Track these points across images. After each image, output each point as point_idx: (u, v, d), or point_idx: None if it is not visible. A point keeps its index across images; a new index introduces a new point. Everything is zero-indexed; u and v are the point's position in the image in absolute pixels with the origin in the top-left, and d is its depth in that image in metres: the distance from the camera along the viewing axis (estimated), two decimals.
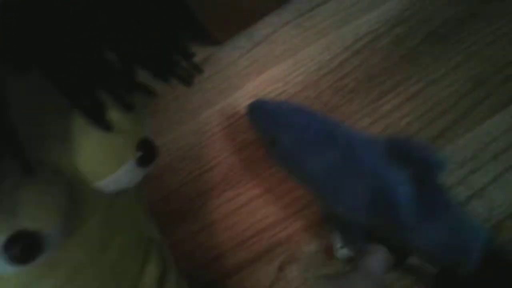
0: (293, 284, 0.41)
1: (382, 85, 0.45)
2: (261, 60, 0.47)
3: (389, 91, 0.44)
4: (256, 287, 0.42)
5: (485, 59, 0.44)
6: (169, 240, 0.35)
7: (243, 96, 0.46)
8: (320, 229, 0.42)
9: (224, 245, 0.43)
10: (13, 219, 0.19)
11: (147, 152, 0.24)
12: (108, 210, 0.26)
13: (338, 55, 0.46)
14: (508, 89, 0.42)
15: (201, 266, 0.42)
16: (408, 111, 0.43)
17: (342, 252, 0.38)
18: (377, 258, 0.31)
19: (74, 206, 0.23)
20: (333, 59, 0.46)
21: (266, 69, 0.47)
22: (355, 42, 0.46)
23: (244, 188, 0.44)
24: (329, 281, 0.30)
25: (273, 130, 0.37)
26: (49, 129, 0.22)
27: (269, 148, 0.38)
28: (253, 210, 0.43)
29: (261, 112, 0.39)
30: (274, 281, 0.42)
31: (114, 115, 0.22)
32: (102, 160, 0.23)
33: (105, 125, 0.21)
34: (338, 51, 0.46)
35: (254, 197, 0.44)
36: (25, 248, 0.20)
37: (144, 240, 0.30)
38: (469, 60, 0.44)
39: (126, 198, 0.27)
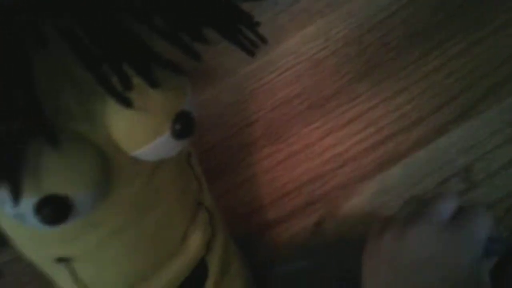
0: (329, 239, 0.42)
1: (426, 44, 0.43)
2: (302, 15, 0.46)
3: (432, 50, 0.43)
4: (293, 240, 0.43)
5: None
6: (210, 193, 0.36)
7: (283, 52, 0.46)
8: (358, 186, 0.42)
9: (263, 199, 0.44)
10: (40, 184, 0.20)
11: (184, 125, 0.24)
12: (149, 178, 0.26)
13: (382, 10, 0.45)
14: None
15: (240, 218, 0.44)
16: (450, 71, 0.42)
17: None
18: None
19: (110, 173, 0.23)
20: (376, 15, 0.45)
21: (307, 24, 0.46)
22: None
23: (284, 144, 0.44)
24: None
25: None
26: (77, 102, 0.22)
27: None
28: (292, 166, 0.44)
29: None
30: (311, 235, 0.43)
31: (147, 88, 0.21)
32: (135, 132, 0.23)
33: (125, 102, 0.21)
34: (382, 6, 0.45)
35: (293, 153, 0.44)
36: (54, 210, 0.21)
37: (191, 206, 0.30)
38: None
39: (172, 166, 0.28)
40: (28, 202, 0.20)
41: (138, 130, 0.23)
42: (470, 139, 0.40)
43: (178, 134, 0.24)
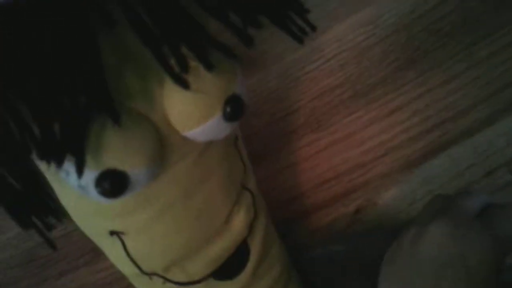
0: (369, 227, 0.42)
1: (476, 32, 0.42)
2: (351, 0, 0.45)
3: (482, 39, 0.42)
4: (332, 227, 0.43)
5: None
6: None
7: (330, 39, 0.45)
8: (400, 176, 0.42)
9: (303, 186, 0.44)
10: (101, 159, 0.22)
11: (235, 108, 0.25)
12: (198, 157, 0.27)
13: None
14: None
15: (279, 204, 0.44)
16: (501, 60, 0.41)
17: None
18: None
19: (163, 151, 0.24)
20: (427, 1, 0.43)
21: (357, 10, 0.45)
22: None
23: (325, 132, 0.44)
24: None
25: None
26: (136, 82, 0.23)
27: None
28: (333, 154, 0.44)
29: None
30: (350, 223, 0.43)
31: (201, 71, 0.22)
32: (189, 112, 0.24)
33: (183, 83, 0.21)
34: None
35: (334, 141, 0.44)
36: (113, 184, 0.22)
37: (237, 187, 0.31)
38: None
39: (220, 147, 0.28)
40: (90, 175, 0.22)
41: (192, 111, 0.24)
42: None
43: (229, 117, 0.25)
